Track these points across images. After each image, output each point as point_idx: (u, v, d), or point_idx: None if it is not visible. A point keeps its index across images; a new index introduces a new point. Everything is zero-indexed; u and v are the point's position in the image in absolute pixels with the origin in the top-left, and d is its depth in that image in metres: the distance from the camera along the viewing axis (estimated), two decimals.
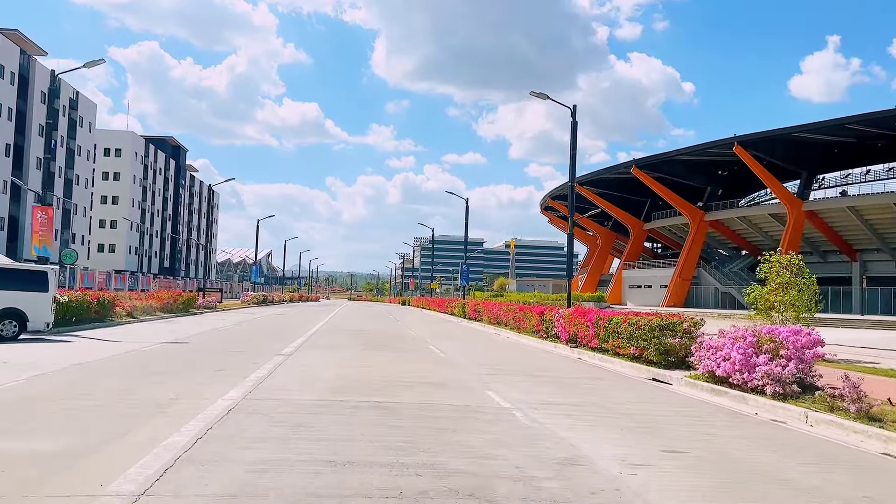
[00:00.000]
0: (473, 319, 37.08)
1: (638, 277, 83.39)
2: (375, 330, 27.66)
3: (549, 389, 11.61)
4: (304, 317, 38.52)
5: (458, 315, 41.63)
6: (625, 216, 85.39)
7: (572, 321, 20.32)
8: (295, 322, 32.35)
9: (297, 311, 48.03)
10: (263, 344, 18.55)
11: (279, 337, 21.10)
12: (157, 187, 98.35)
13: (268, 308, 54.60)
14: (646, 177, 74.26)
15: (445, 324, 36.92)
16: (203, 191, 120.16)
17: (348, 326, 29.80)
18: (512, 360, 17.48)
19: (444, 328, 32.38)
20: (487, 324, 33.11)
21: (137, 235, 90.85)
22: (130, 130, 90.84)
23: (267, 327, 27.26)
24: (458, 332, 29.74)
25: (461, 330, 31.32)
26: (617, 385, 12.80)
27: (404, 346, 19.99)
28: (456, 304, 43.20)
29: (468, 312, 38.75)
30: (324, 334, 23.15)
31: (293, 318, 35.92)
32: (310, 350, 16.85)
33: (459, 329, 32.01)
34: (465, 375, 13.05)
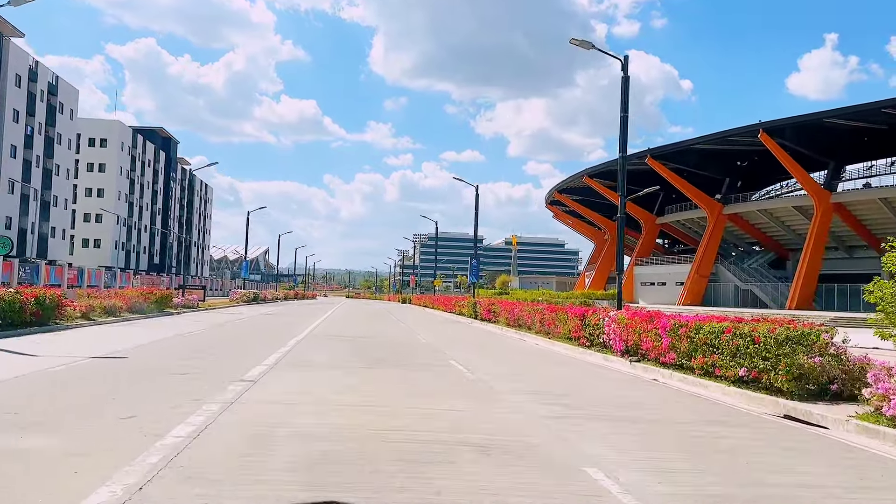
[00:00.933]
0: (487, 321, 32.42)
1: (651, 274, 78.75)
2: (377, 335, 23.00)
3: (664, 448, 6.93)
4: (295, 317, 33.84)
5: (468, 315, 36.99)
6: (637, 210, 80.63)
7: (632, 327, 15.65)
8: (282, 325, 27.64)
9: (289, 311, 43.34)
10: (227, 360, 13.79)
11: (253, 348, 16.37)
12: (145, 180, 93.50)
13: (258, 307, 49.89)
14: (661, 167, 69.58)
15: (456, 326, 32.25)
16: (196, 184, 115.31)
17: (344, 330, 25.11)
18: (565, 382, 12.75)
19: (457, 331, 27.70)
20: (505, 326, 28.45)
21: (124, 230, 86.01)
22: (117, 119, 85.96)
23: (246, 332, 22.56)
24: (474, 336, 25.06)
25: (477, 334, 26.64)
26: (759, 436, 8.07)
27: (416, 359, 15.27)
28: (465, 303, 38.52)
29: (481, 312, 34.08)
30: (312, 342, 18.45)
31: (281, 320, 31.22)
32: (287, 371, 12.09)
33: (474, 333, 27.32)
34: (521, 419, 8.33)
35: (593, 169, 79.37)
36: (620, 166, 20.11)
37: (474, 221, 40.10)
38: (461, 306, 39.96)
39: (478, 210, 39.97)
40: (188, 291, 40.44)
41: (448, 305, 45.98)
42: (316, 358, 14.32)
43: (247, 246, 57.24)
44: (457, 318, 38.47)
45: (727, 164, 72.43)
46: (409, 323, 32.22)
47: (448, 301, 47.11)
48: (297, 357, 14.35)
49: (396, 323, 31.90)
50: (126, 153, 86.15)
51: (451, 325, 32.81)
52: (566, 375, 13.82)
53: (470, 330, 28.97)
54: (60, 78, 68.93)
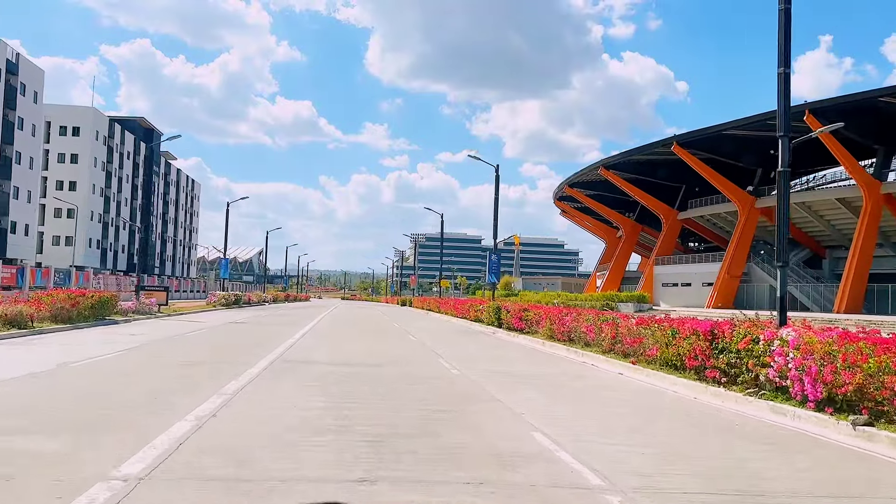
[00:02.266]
0: (518, 331, 24.98)
1: (673, 274, 71.42)
2: (382, 360, 15.39)
3: None
4: (273, 326, 26.38)
5: (488, 322, 29.59)
6: (656, 204, 73.45)
7: (842, 358, 8.29)
8: (246, 341, 20.02)
9: (270, 317, 35.88)
10: (59, 455, 6.31)
11: (148, 405, 8.97)
12: (124, 173, 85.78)
13: (236, 312, 42.37)
14: (687, 155, 62.30)
15: (481, 339, 24.73)
16: (181, 180, 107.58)
17: (334, 352, 17.54)
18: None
19: (491, 350, 20.13)
20: (547, 339, 21.05)
21: (100, 227, 78.29)
22: (91, 106, 78.25)
23: (177, 359, 15.05)
24: (521, 360, 17.54)
25: (520, 354, 19.04)
26: None
27: (475, 438, 7.85)
28: (484, 308, 31.04)
29: (508, 320, 26.60)
30: (272, 385, 11.02)
31: (251, 332, 23.66)
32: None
33: (515, 352, 19.73)
34: None
35: (610, 160, 72.07)
36: None
37: (494, 208, 32.71)
38: (478, 311, 32.53)
39: (497, 195, 32.59)
40: (147, 293, 32.97)
41: (460, 310, 38.50)
42: (257, 453, 6.44)
43: (226, 241, 49.79)
44: (475, 327, 31.05)
45: (759, 152, 65.11)
46: (420, 335, 24.72)
47: (459, 305, 39.60)
48: (215, 442, 6.84)
49: (403, 336, 24.43)
50: (101, 143, 78.45)
51: (473, 337, 25.34)
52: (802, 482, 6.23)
53: (505, 347, 21.50)
54: (22, 56, 61.27)
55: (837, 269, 64.27)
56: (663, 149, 65.12)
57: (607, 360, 16.03)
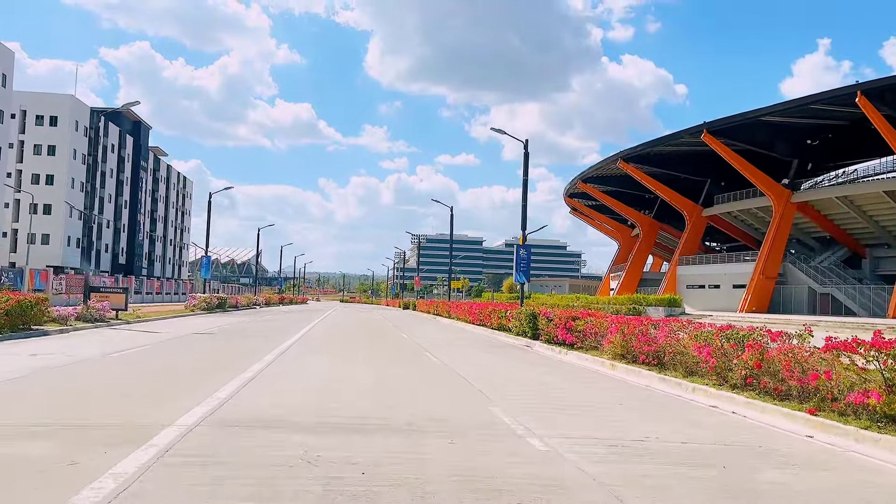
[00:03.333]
0: (564, 345, 18.79)
1: (699, 276, 65.23)
2: (400, 417, 9.18)
3: None
4: (244, 342, 20.15)
5: (519, 333, 23.39)
6: (680, 200, 67.36)
7: None
8: (186, 369, 13.42)
9: (253, 324, 29.64)
10: None
11: None
12: (108, 167, 79.47)
13: (218, 317, 36.17)
14: (719, 145, 56.20)
15: (520, 356, 18.27)
16: (172, 177, 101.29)
17: (314, 399, 11.33)
18: None
19: (548, 375, 13.80)
20: (615, 359, 14.86)
21: (80, 224, 72.01)
22: (70, 94, 71.97)
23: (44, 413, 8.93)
24: (612, 400, 11.20)
25: (606, 389, 12.50)
26: None
27: None
28: (512, 314, 24.76)
29: (550, 331, 20.28)
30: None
31: (204, 354, 17.14)
32: None
33: (592, 383, 13.17)
34: None
35: (630, 152, 65.93)
36: None
37: (523, 192, 26.50)
38: (502, 317, 26.29)
39: (527, 176, 26.32)
40: (100, 296, 26.75)
41: (476, 315, 32.22)
42: None
43: (208, 235, 43.44)
44: (500, 338, 24.83)
45: (796, 142, 59.17)
46: (440, 352, 18.15)
47: (476, 309, 33.22)
48: None
49: (418, 353, 18.06)
50: (82, 134, 72.16)
51: (508, 355, 19.02)
52: None
53: (564, 372, 15.19)
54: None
55: (880, 270, 58.14)
56: (690, 138, 59.06)
57: (749, 402, 9.90)
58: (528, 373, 14.25)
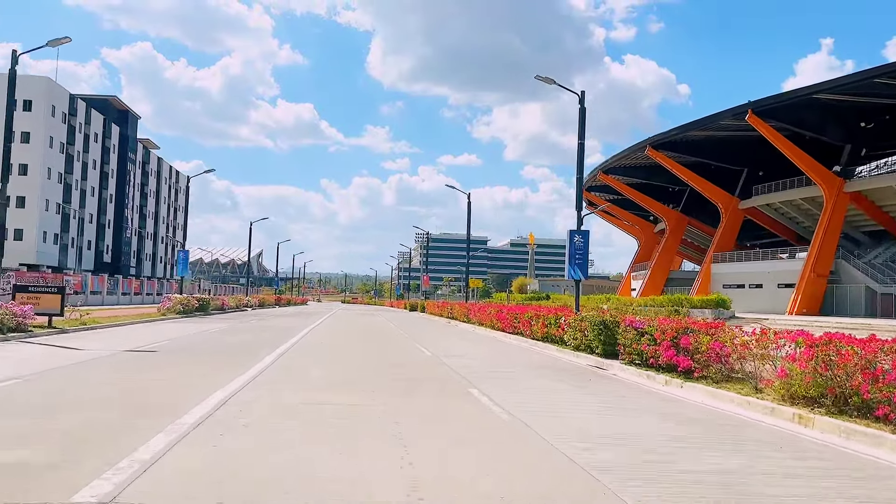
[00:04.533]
0: (667, 370, 12.21)
1: (738, 274, 58.52)
2: None
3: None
4: (195, 367, 13.40)
5: (580, 346, 16.85)
6: (714, 191, 60.66)
7: None
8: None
9: (230, 334, 22.93)
10: None
11: None
12: (91, 158, 72.86)
13: (192, 323, 29.61)
14: (767, 128, 49.57)
15: (615, 390, 11.53)
16: (164, 171, 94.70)
17: None
18: None
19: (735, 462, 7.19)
20: (801, 406, 8.28)
21: (58, 218, 65.47)
22: (46, 77, 65.40)
23: None
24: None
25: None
26: None
27: None
28: (570, 322, 18.07)
29: (644, 349, 13.53)
30: None
31: (102, 402, 10.81)
32: None
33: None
34: None
35: (660, 137, 59.27)
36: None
37: (578, 158, 20.03)
38: (555, 325, 19.65)
39: (583, 135, 19.82)
40: (27, 297, 20.21)
41: (508, 321, 25.52)
42: None
43: (185, 227, 36.82)
44: (558, 354, 18.20)
45: (849, 125, 52.57)
46: (499, 392, 10.74)
47: (508, 314, 26.31)
48: None
49: (464, 391, 11.13)
50: (60, 121, 65.59)
51: (595, 389, 12.38)
52: None
53: (739, 446, 8.59)
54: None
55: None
56: (731, 120, 52.44)
57: None
58: (670, 441, 7.52)
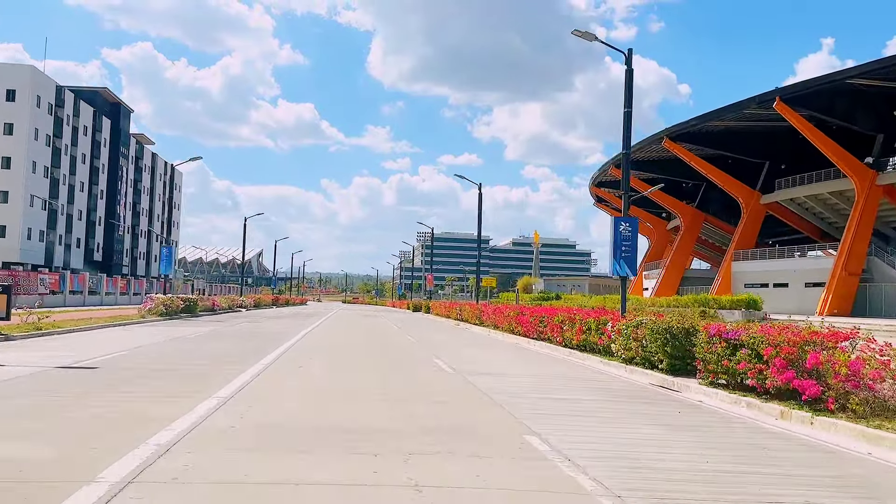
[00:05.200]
0: (806, 405, 8.75)
1: (761, 272, 55.02)
2: None
3: None
4: (117, 395, 10.19)
5: (632, 361, 13.33)
6: (734, 185, 57.14)
7: None
8: None
9: (196, 347, 19.17)
10: None
11: None
12: (80, 152, 69.32)
13: (171, 327, 26.15)
14: (796, 117, 46.08)
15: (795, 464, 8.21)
16: (158, 166, 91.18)
17: None
18: None
19: None
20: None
21: (44, 214, 62.00)
22: (30, 65, 61.90)
23: None
24: None
25: None
26: None
27: None
28: (618, 329, 14.57)
29: (741, 368, 10.08)
30: None
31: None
32: None
33: None
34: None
35: (678, 128, 55.72)
36: None
37: (625, 116, 16.61)
38: (595, 332, 16.20)
39: (631, 90, 16.42)
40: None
41: (533, 326, 22.00)
42: None
43: (169, 223, 33.39)
44: (596, 366, 14.78)
45: (881, 113, 48.98)
46: (558, 436, 7.12)
47: (532, 317, 22.66)
48: None
49: (517, 437, 7.57)
50: (47, 112, 62.09)
51: (689, 430, 8.94)
52: None
53: None
54: None
55: None
56: (755, 110, 48.91)
57: None
58: None
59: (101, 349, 15.19)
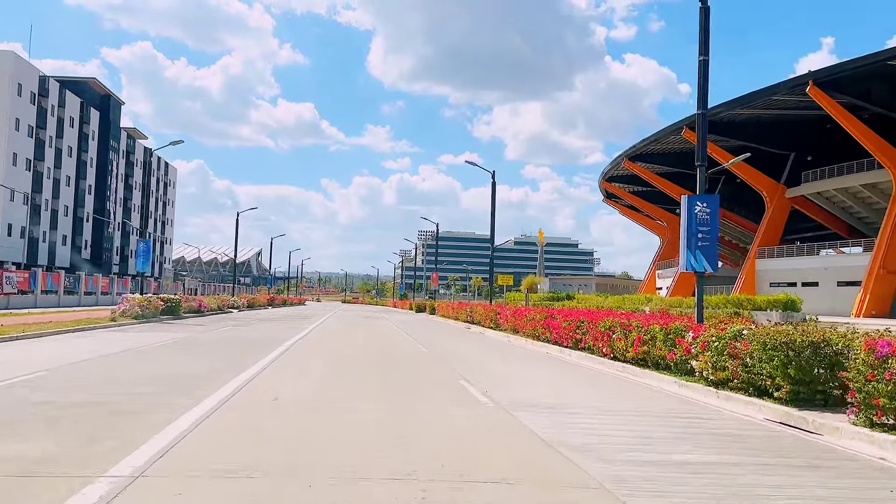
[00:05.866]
0: None
1: (788, 271, 51.37)
2: None
3: None
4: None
5: (750, 390, 9.78)
6: (758, 178, 53.55)
7: None
8: None
9: (143, 356, 15.79)
10: None
11: None
12: (66, 144, 65.60)
13: (140, 332, 22.51)
14: (830, 102, 42.46)
15: None
16: (151, 161, 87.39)
17: None
18: None
19: None
20: None
21: (26, 210, 58.28)
22: (10, 50, 58.12)
23: None
24: None
25: None
26: None
27: None
28: (703, 337, 10.97)
29: None
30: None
31: None
32: None
33: None
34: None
35: (693, 118, 52.05)
36: None
37: (699, 88, 13.17)
38: (666, 343, 12.59)
39: (707, 34, 12.93)
40: None
41: (568, 332, 18.30)
42: None
43: (145, 216, 29.75)
44: (688, 395, 11.16)
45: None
46: None
47: (568, 321, 18.74)
48: None
49: None
50: (28, 101, 58.36)
51: None
52: None
53: None
54: None
55: None
56: (784, 96, 45.30)
57: None
58: None
59: (21, 367, 11.48)
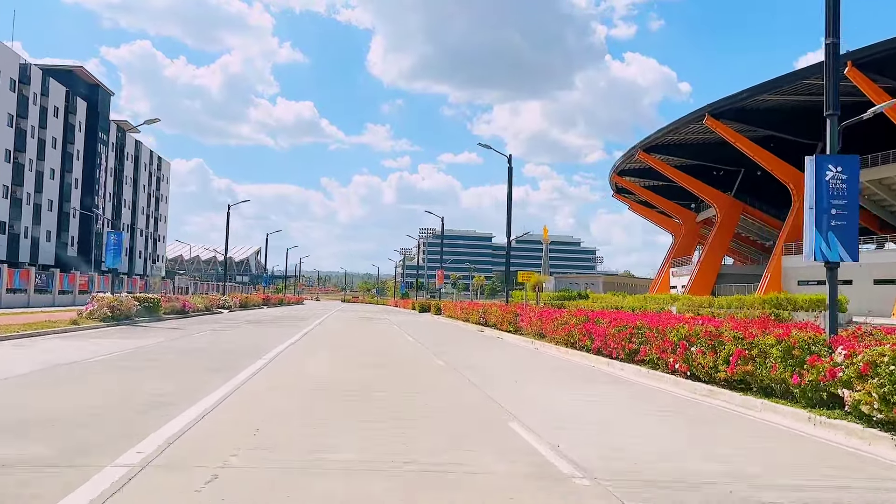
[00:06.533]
0: None
1: (818, 268, 47.74)
2: None
3: None
4: None
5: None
6: (783, 168, 50.02)
7: None
8: None
9: (55, 382, 12.42)
10: None
11: None
12: (49, 135, 61.94)
13: (101, 338, 19.00)
14: (869, 84, 38.93)
15: None
16: (143, 156, 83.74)
17: None
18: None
19: None
20: None
21: (6, 203, 54.64)
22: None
23: None
24: None
25: None
26: None
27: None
28: (868, 359, 7.63)
29: None
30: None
31: None
32: None
33: None
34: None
35: (720, 105, 48.48)
36: None
37: (831, 20, 9.73)
38: (788, 363, 9.20)
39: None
40: None
41: (616, 338, 14.81)
42: None
43: (116, 207, 26.13)
44: (801, 428, 7.76)
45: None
46: None
47: (619, 325, 15.12)
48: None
49: None
50: (8, 89, 54.70)
51: None
52: None
53: None
54: None
55: None
56: (816, 80, 41.69)
57: None
58: None
59: None
